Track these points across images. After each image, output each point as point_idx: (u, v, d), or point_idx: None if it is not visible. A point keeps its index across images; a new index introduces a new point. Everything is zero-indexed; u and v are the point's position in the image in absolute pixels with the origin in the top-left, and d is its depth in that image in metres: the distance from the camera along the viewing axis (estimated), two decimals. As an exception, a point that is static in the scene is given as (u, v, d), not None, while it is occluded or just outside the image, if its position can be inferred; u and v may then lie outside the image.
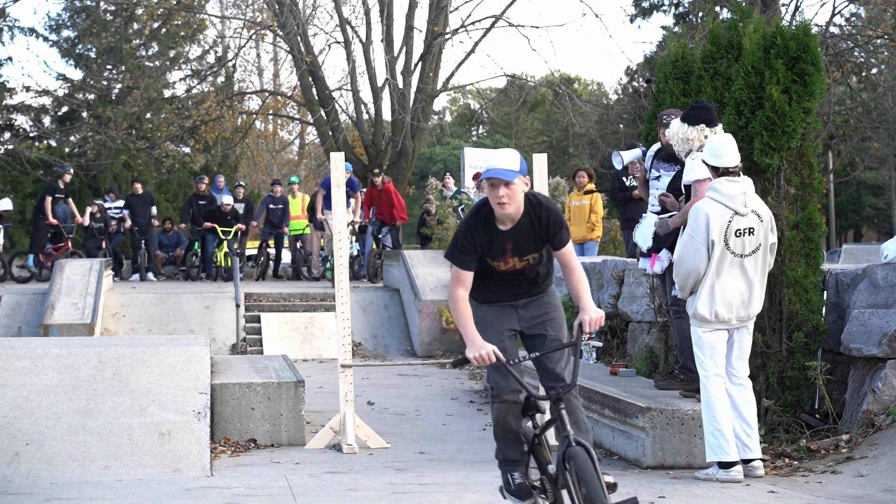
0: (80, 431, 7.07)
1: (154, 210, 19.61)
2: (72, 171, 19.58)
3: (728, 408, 6.67)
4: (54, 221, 17.78)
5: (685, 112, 7.54)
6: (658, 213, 7.86)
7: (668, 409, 7.17)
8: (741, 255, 6.65)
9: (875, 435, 7.15)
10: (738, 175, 6.75)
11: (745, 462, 6.66)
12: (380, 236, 18.24)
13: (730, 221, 6.62)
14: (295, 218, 19.78)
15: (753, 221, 6.68)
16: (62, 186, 18.24)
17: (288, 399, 8.12)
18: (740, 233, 6.64)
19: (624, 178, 13.26)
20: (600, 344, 10.72)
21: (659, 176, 7.99)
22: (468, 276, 4.98)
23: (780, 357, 7.82)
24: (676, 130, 7.39)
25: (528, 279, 5.16)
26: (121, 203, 19.93)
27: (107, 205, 19.85)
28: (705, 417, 6.70)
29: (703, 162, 6.86)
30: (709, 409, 6.66)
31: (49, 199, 17.85)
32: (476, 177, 19.77)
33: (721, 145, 6.77)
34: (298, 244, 19.85)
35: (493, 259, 5.02)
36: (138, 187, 19.90)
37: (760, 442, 7.19)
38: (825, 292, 8.05)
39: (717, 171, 6.74)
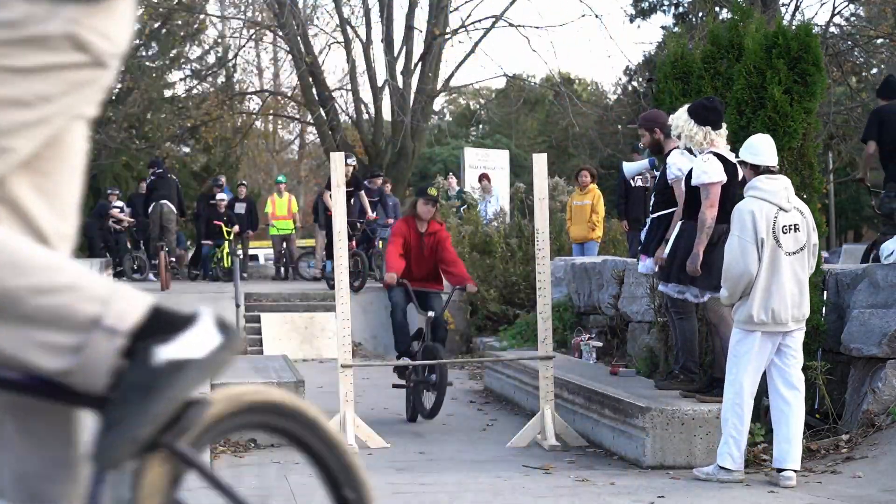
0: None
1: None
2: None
3: (750, 417, 6.55)
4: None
5: (695, 106, 7.45)
6: (652, 213, 7.87)
7: (668, 409, 7.17)
8: (790, 253, 6.48)
9: (875, 435, 7.14)
10: (776, 174, 6.63)
11: (779, 470, 6.48)
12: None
13: (776, 217, 6.45)
14: (281, 218, 19.73)
15: (797, 218, 6.53)
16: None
17: (288, 399, 8.10)
18: (787, 229, 6.47)
19: (631, 181, 13.37)
20: (600, 344, 10.73)
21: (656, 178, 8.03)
22: None
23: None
24: (684, 123, 7.34)
25: None
26: (121, 203, 19.94)
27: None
28: (728, 422, 6.51)
29: (742, 162, 6.71)
30: (736, 416, 6.48)
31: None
32: (482, 178, 19.78)
33: (762, 143, 6.65)
34: (283, 245, 19.78)
35: None
36: (144, 186, 19.88)
37: (762, 442, 7.20)
38: (825, 292, 8.04)
39: (757, 170, 6.61)
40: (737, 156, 7.45)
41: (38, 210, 1.86)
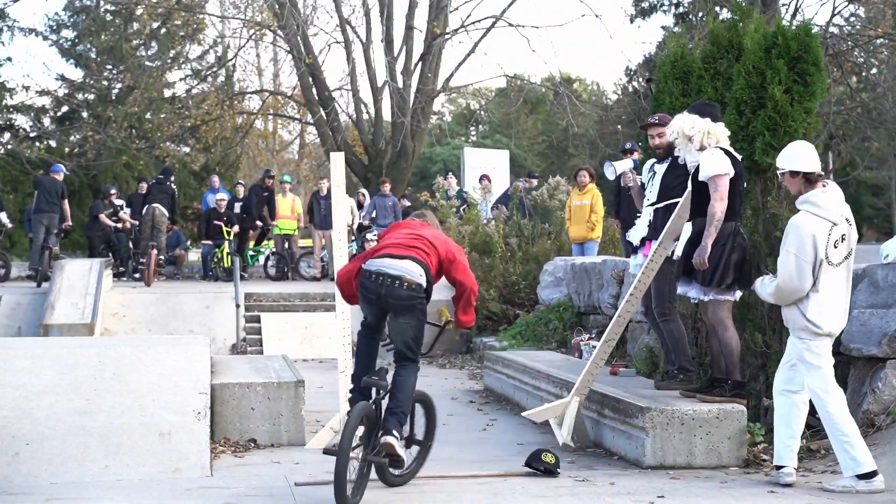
0: (80, 431, 7.07)
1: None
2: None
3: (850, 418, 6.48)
4: None
5: (702, 107, 7.49)
6: (653, 205, 7.83)
7: (668, 409, 7.17)
8: (838, 264, 6.45)
9: (875, 435, 7.15)
10: (826, 184, 6.54)
11: (778, 467, 6.54)
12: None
13: (829, 234, 6.42)
14: (284, 218, 19.71)
15: (845, 228, 6.51)
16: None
17: (288, 399, 8.12)
18: (837, 243, 6.46)
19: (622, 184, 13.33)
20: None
21: (654, 174, 7.98)
22: None
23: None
24: (702, 123, 7.33)
25: None
26: (121, 202, 19.95)
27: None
28: (838, 431, 6.38)
29: (787, 172, 6.54)
30: (833, 423, 6.40)
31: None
32: (482, 178, 19.77)
33: (806, 150, 6.55)
34: (286, 244, 19.76)
35: None
36: (144, 186, 19.88)
37: (761, 442, 7.21)
38: (825, 292, 8.03)
39: (807, 179, 6.48)
40: (735, 153, 7.45)
41: None
